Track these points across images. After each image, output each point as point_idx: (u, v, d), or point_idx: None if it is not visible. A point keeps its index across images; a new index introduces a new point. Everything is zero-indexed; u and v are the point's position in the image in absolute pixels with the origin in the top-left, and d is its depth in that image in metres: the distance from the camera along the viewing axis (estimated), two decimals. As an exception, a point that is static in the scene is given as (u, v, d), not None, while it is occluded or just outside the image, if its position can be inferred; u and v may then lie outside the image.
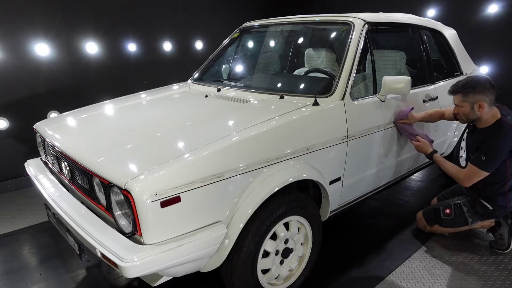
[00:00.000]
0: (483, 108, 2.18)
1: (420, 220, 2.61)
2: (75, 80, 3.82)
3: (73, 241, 1.74)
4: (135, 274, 1.35)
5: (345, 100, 2.07)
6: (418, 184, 3.58)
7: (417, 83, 2.75)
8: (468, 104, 2.21)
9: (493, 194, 2.33)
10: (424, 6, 4.59)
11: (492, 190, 2.32)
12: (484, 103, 2.17)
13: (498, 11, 4.08)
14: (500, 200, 2.33)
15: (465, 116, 2.28)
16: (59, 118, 2.40)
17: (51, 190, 1.96)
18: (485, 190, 2.35)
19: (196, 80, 2.91)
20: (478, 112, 2.20)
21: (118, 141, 1.82)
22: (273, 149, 1.73)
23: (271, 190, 1.67)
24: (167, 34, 4.50)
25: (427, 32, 2.99)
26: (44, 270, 2.32)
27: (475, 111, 2.21)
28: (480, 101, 2.18)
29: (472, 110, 2.22)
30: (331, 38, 2.80)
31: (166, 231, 1.45)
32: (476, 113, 2.22)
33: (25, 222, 2.93)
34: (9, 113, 3.48)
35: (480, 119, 2.25)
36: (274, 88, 2.52)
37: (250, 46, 3.25)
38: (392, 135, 2.43)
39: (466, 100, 2.22)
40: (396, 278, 2.18)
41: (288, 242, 1.91)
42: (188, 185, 1.45)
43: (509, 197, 2.33)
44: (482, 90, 2.17)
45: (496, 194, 2.32)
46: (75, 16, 3.71)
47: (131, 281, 2.19)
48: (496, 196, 2.33)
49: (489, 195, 2.34)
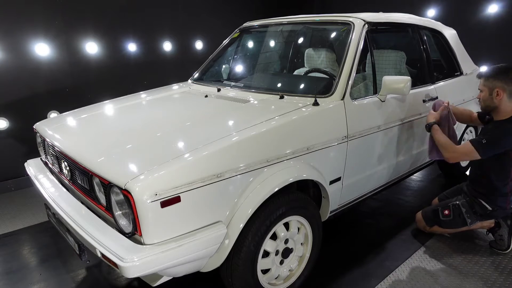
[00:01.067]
0: (500, 96, 2.14)
1: (420, 221, 2.61)
2: (75, 80, 3.82)
3: (73, 241, 1.74)
4: (135, 274, 1.35)
5: (345, 100, 2.07)
6: (418, 184, 3.58)
7: (417, 83, 2.75)
8: (487, 89, 2.18)
9: (494, 193, 2.31)
10: (424, 6, 4.59)
11: (494, 189, 2.30)
12: (502, 91, 2.13)
13: (498, 11, 4.08)
14: (500, 201, 2.32)
15: (483, 102, 2.23)
16: (59, 118, 2.40)
17: (51, 190, 1.96)
18: (486, 188, 2.33)
19: (196, 80, 2.91)
20: (496, 99, 2.16)
21: (118, 141, 1.82)
22: (273, 149, 1.73)
23: (271, 190, 1.67)
24: (167, 34, 4.50)
25: (427, 32, 2.99)
26: (44, 270, 2.32)
27: (493, 98, 2.17)
28: (498, 88, 2.14)
29: (490, 96, 2.18)
30: (331, 38, 2.80)
31: (166, 231, 1.45)
32: (494, 101, 2.17)
33: (25, 222, 2.93)
34: (9, 113, 3.48)
35: (498, 109, 2.19)
36: (274, 88, 2.52)
37: (250, 46, 3.25)
38: (392, 135, 2.43)
39: (486, 84, 2.19)
40: (396, 278, 2.18)
41: (288, 242, 1.91)
42: (188, 185, 1.45)
43: (509, 199, 2.32)
44: (504, 78, 2.13)
45: (497, 194, 2.31)
46: (75, 16, 3.71)
47: (131, 281, 2.19)
48: (496, 197, 2.31)
49: (490, 194, 2.33)
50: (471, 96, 3.27)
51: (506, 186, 2.29)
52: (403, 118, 2.48)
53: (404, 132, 2.53)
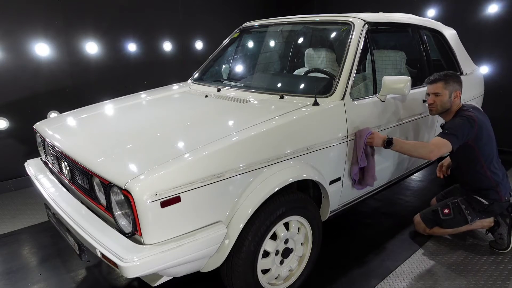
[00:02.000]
0: (458, 97, 2.36)
1: (419, 223, 2.61)
2: (75, 80, 3.82)
3: (73, 241, 1.74)
4: (135, 274, 1.35)
5: (345, 100, 2.08)
6: (418, 184, 3.58)
7: (417, 83, 2.75)
8: (448, 92, 2.34)
9: (482, 186, 2.39)
10: (424, 6, 4.59)
11: (480, 182, 2.39)
12: (460, 93, 2.36)
13: (498, 11, 4.08)
14: (492, 194, 2.38)
15: (441, 105, 2.37)
16: (59, 118, 2.40)
17: (51, 190, 1.96)
18: (472, 184, 2.42)
19: (196, 80, 2.91)
20: (454, 100, 2.36)
21: (118, 141, 1.82)
22: (273, 149, 1.73)
23: (271, 190, 1.67)
24: (167, 34, 4.50)
25: (427, 32, 2.99)
26: (44, 270, 2.32)
27: (451, 99, 2.35)
28: (458, 90, 2.36)
29: (449, 98, 2.35)
30: (331, 38, 2.80)
31: (166, 231, 1.45)
32: (451, 102, 2.36)
33: (25, 222, 2.93)
34: (9, 113, 3.48)
35: (450, 110, 2.38)
36: (274, 88, 2.52)
37: (250, 46, 3.25)
38: (392, 135, 2.42)
39: (447, 87, 2.34)
40: (396, 278, 2.18)
41: (288, 242, 1.91)
42: (188, 185, 1.45)
43: (499, 190, 2.37)
44: (459, 81, 2.39)
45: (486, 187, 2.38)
46: (75, 16, 3.71)
47: (131, 281, 2.19)
48: (487, 190, 2.38)
49: (479, 189, 2.40)
50: (471, 96, 3.28)
51: (487, 177, 2.36)
52: (403, 118, 2.49)
53: (404, 132, 2.53)
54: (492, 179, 2.36)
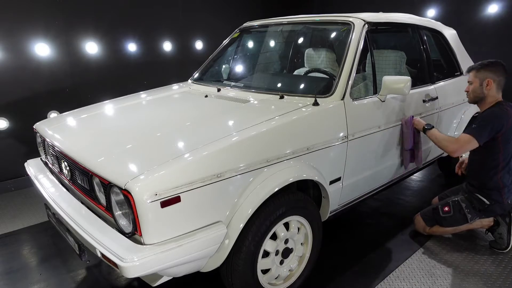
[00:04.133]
0: (490, 85, 2.29)
1: (419, 222, 2.61)
2: (75, 80, 3.82)
3: (73, 241, 1.74)
4: (135, 274, 1.35)
5: (345, 100, 2.08)
6: (418, 184, 3.58)
7: (417, 83, 2.75)
8: (478, 80, 2.32)
9: (487, 185, 2.36)
10: (424, 6, 4.59)
11: (487, 180, 2.35)
12: (492, 81, 2.28)
13: (498, 11, 4.08)
14: (495, 195, 2.35)
15: (473, 93, 2.36)
16: (59, 118, 2.40)
17: (51, 190, 1.96)
18: (479, 180, 2.39)
19: (196, 80, 2.91)
20: (486, 89, 2.30)
21: (118, 141, 1.82)
22: (273, 149, 1.73)
23: (271, 190, 1.67)
24: (167, 34, 4.50)
25: (427, 32, 2.99)
26: (44, 270, 2.32)
27: (483, 88, 2.31)
28: (489, 78, 2.29)
29: (480, 86, 2.32)
30: (331, 38, 2.79)
31: (166, 231, 1.45)
32: (484, 91, 2.31)
33: (25, 222, 2.93)
34: (9, 113, 3.48)
35: (485, 100, 2.34)
36: (274, 88, 2.52)
37: (250, 46, 3.25)
38: (392, 135, 2.42)
39: (477, 75, 2.33)
40: (396, 278, 2.18)
41: (288, 242, 1.91)
42: (188, 185, 1.45)
43: (503, 193, 2.35)
44: (494, 70, 2.30)
45: (490, 187, 2.35)
46: (75, 16, 3.71)
47: (131, 281, 2.19)
48: (490, 190, 2.36)
49: (483, 187, 2.37)
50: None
51: (496, 177, 2.33)
52: (403, 118, 2.48)
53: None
54: (500, 181, 2.33)
